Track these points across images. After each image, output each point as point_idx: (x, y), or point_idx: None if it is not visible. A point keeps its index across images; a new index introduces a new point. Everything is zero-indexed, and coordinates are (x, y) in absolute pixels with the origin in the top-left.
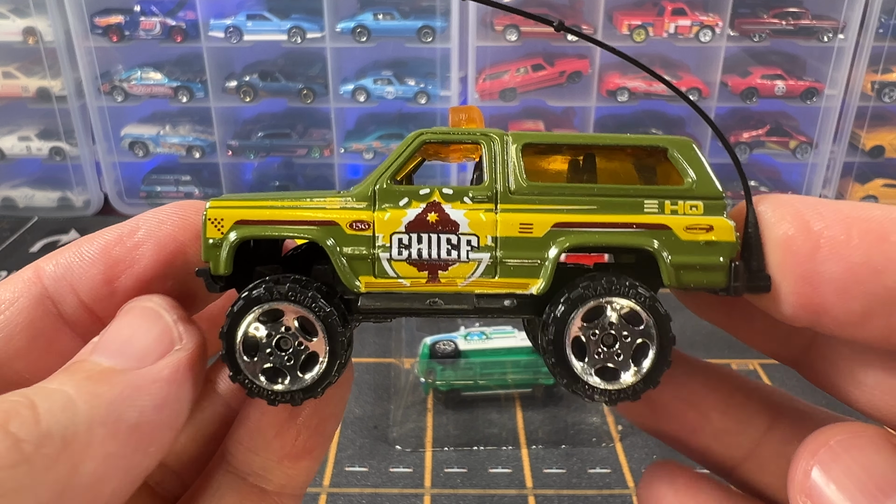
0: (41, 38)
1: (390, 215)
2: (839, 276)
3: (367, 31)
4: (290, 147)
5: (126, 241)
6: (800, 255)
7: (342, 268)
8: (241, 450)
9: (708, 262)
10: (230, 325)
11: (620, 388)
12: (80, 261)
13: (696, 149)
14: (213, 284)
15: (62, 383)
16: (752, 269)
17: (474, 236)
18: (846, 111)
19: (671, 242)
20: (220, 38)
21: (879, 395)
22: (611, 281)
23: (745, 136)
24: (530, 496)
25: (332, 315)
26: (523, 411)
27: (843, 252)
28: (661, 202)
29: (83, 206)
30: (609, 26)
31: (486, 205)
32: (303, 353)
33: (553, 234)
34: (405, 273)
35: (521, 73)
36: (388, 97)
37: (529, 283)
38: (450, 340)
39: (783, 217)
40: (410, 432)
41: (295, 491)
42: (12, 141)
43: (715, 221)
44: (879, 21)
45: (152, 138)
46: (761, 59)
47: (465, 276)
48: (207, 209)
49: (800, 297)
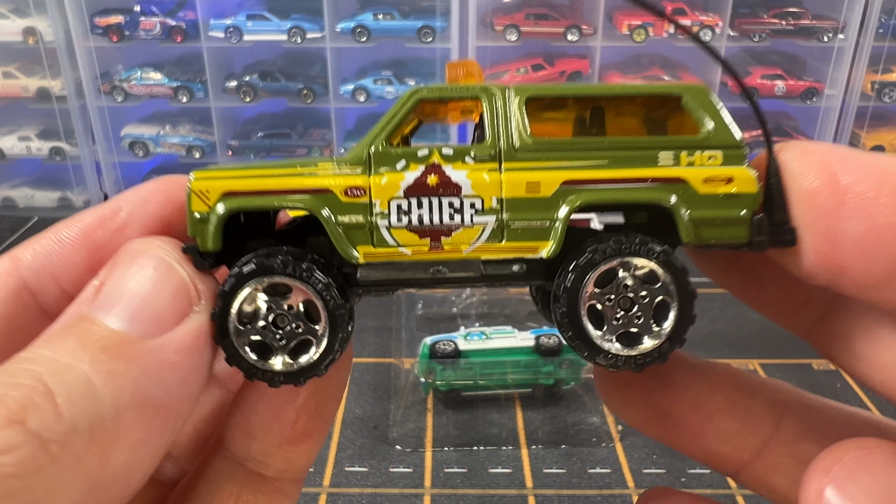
0: (41, 38)
1: (387, 180)
2: (863, 235)
3: (367, 31)
4: (290, 147)
5: (109, 224)
6: (824, 210)
7: (338, 238)
8: (239, 435)
9: (729, 215)
10: (222, 306)
11: (646, 352)
12: (60, 247)
13: (712, 95)
14: (202, 262)
15: (74, 356)
16: (776, 223)
17: (478, 198)
18: (846, 111)
19: (689, 196)
20: (220, 38)
21: (893, 374)
22: (619, 240)
23: (745, 136)
24: (530, 496)
25: (329, 287)
26: (523, 411)
27: (869, 210)
28: (677, 154)
29: (83, 206)
30: (609, 26)
31: (489, 164)
32: (299, 335)
33: (562, 193)
34: (406, 241)
35: (521, 73)
36: (388, 97)
37: (539, 247)
38: (450, 340)
39: (809, 168)
40: (410, 432)
41: (295, 476)
42: (12, 141)
43: (735, 172)
44: (879, 21)
45: (152, 138)
46: (761, 59)
47: (470, 241)
48: (192, 181)
49: (819, 255)
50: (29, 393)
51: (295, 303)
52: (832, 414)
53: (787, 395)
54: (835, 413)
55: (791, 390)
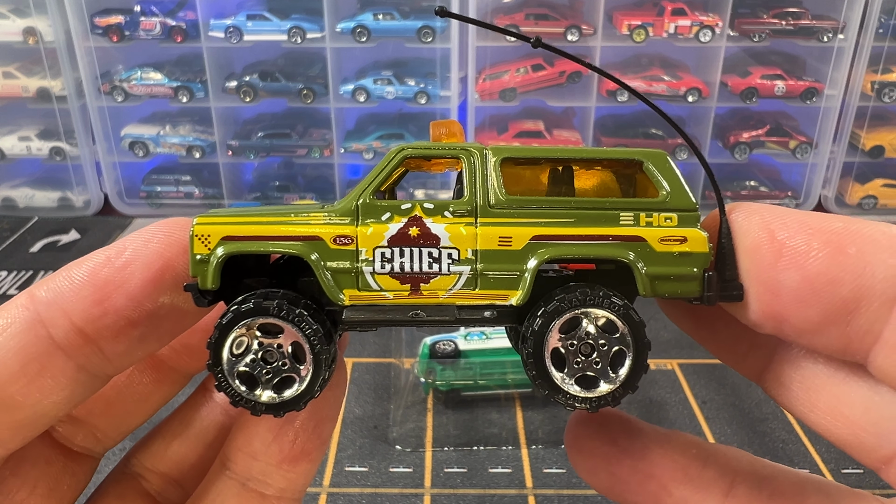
0: (41, 38)
1: (373, 230)
2: (798, 284)
3: (367, 31)
4: (290, 147)
5: (114, 262)
6: (763, 263)
7: (326, 282)
8: (241, 455)
9: (682, 272)
10: (218, 337)
11: (601, 396)
12: (70, 284)
13: (670, 161)
14: (202, 299)
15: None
16: (726, 279)
17: (455, 249)
18: (846, 111)
19: (646, 253)
20: (220, 38)
21: (831, 419)
22: (585, 292)
23: (745, 136)
24: (530, 496)
25: (318, 333)
26: (523, 411)
27: (802, 261)
28: (637, 214)
29: (83, 206)
30: (609, 26)
31: (466, 219)
32: (284, 371)
33: (532, 247)
34: (388, 286)
35: (521, 73)
36: (388, 97)
37: (509, 295)
38: (450, 340)
39: (752, 226)
40: (410, 432)
41: (294, 495)
42: (12, 141)
43: (688, 233)
44: (879, 21)
45: (152, 138)
46: (761, 59)
47: (447, 288)
48: (194, 226)
49: (762, 305)
50: None
51: (284, 343)
52: (781, 480)
53: (738, 464)
54: (783, 479)
55: (743, 458)
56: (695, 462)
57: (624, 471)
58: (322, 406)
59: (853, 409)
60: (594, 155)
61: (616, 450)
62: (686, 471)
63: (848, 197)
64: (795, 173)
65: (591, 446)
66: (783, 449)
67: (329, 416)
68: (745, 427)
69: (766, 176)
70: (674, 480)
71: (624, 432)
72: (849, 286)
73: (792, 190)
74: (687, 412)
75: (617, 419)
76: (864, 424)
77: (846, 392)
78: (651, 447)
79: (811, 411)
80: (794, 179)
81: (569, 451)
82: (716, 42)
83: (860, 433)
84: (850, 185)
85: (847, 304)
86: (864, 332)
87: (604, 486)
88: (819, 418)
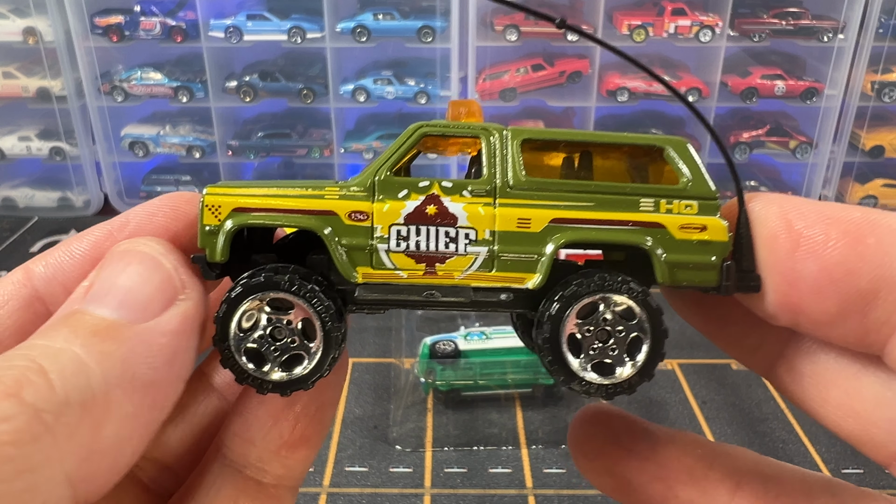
0: (41, 38)
1: (389, 207)
2: (816, 275)
3: (367, 31)
4: (290, 147)
5: (116, 236)
6: (781, 253)
7: (340, 258)
8: (238, 441)
9: (701, 260)
10: (226, 311)
11: (617, 383)
12: (71, 259)
13: (691, 149)
14: (210, 271)
15: (66, 341)
16: (743, 269)
17: (472, 230)
18: (846, 111)
19: (666, 241)
20: (220, 38)
21: (842, 414)
22: (603, 277)
23: (745, 136)
24: (530, 496)
25: (329, 309)
26: (523, 411)
27: (820, 252)
28: (657, 201)
29: (83, 206)
30: (609, 26)
31: (484, 199)
32: (293, 349)
33: (550, 230)
34: (403, 265)
35: (521, 73)
36: (388, 97)
37: (526, 278)
38: (450, 340)
39: (769, 216)
40: (410, 432)
41: (292, 483)
42: (12, 141)
43: (709, 221)
44: (879, 21)
45: (152, 138)
46: (761, 59)
47: (463, 269)
48: (205, 195)
49: (779, 296)
50: (24, 371)
51: (294, 319)
52: (788, 480)
53: (744, 464)
54: (790, 479)
55: (748, 457)
56: (700, 463)
57: (629, 472)
58: (324, 390)
59: (864, 405)
60: (615, 140)
61: (621, 451)
62: (691, 472)
63: (848, 197)
64: (795, 173)
65: (595, 447)
66: (783, 449)
67: (331, 400)
68: (745, 427)
69: (767, 176)
70: (679, 482)
71: (629, 433)
72: (867, 276)
73: (792, 190)
74: (687, 412)
75: (621, 419)
76: (875, 420)
77: (858, 387)
78: (657, 448)
79: (822, 406)
80: (794, 179)
81: (572, 452)
82: (716, 42)
83: (871, 428)
84: (850, 185)
85: (865, 294)
86: (881, 323)
87: (608, 488)
88: (829, 413)
